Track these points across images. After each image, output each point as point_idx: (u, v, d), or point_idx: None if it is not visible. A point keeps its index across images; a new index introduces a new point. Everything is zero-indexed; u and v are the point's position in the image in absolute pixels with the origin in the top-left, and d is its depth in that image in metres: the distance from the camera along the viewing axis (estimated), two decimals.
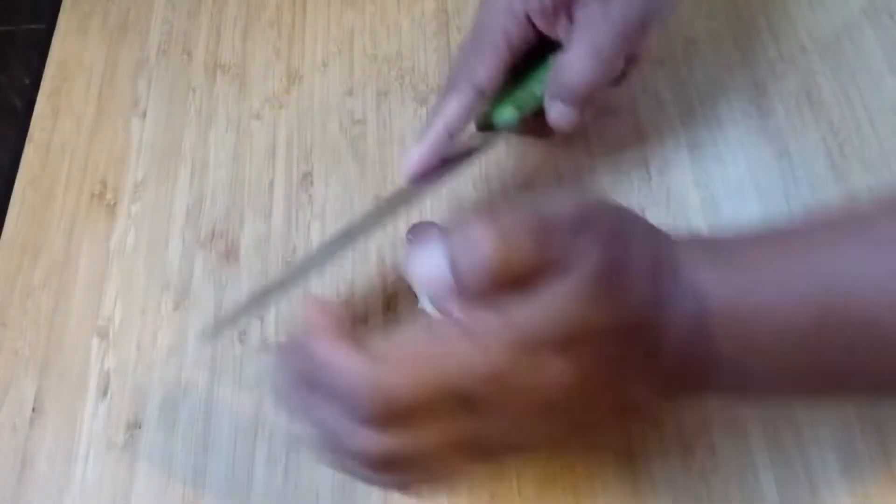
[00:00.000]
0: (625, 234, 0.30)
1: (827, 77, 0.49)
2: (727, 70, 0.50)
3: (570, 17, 0.39)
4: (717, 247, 0.31)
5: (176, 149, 0.51)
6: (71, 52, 0.56)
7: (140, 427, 0.42)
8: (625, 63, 0.42)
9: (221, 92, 0.53)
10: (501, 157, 0.48)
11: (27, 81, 0.56)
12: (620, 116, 0.48)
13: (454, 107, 0.39)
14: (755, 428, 0.39)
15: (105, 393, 0.43)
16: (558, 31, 0.40)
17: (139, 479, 0.41)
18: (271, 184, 0.49)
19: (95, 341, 0.45)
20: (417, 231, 0.36)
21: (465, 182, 0.47)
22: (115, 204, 0.49)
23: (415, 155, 0.39)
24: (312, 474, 0.40)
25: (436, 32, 0.54)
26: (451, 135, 0.39)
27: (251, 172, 0.50)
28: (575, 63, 0.39)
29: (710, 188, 0.46)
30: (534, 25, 0.40)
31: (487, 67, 0.39)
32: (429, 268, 0.30)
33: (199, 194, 0.49)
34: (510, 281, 0.28)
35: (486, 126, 0.41)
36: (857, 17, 0.51)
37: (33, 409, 0.43)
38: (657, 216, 0.45)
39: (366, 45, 0.54)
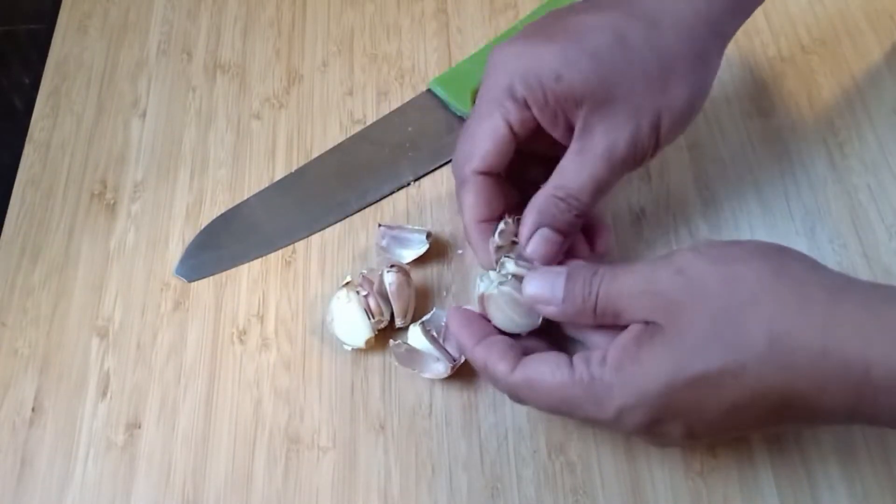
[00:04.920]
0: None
1: (827, 77, 0.49)
2: (727, 70, 0.50)
3: (570, 126, 0.37)
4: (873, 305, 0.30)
5: (176, 149, 0.51)
6: (71, 52, 0.56)
7: (140, 427, 0.42)
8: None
9: (221, 92, 0.53)
10: None
11: (27, 81, 0.56)
12: None
13: (469, 200, 0.38)
14: None
15: (105, 393, 0.43)
16: (556, 133, 0.38)
17: (139, 479, 0.41)
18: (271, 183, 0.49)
19: (95, 341, 0.45)
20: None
21: None
22: (114, 204, 0.49)
23: (479, 255, 0.39)
24: (312, 474, 0.40)
25: (436, 32, 0.54)
26: (485, 220, 0.38)
27: (251, 172, 0.50)
28: (568, 188, 0.37)
29: (710, 188, 0.46)
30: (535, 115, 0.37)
31: (486, 151, 0.37)
32: (542, 290, 0.35)
33: (199, 194, 0.49)
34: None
35: None
36: (857, 17, 0.51)
37: (33, 409, 0.43)
38: (657, 216, 0.45)
39: (366, 45, 0.54)
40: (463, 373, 0.41)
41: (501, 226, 0.38)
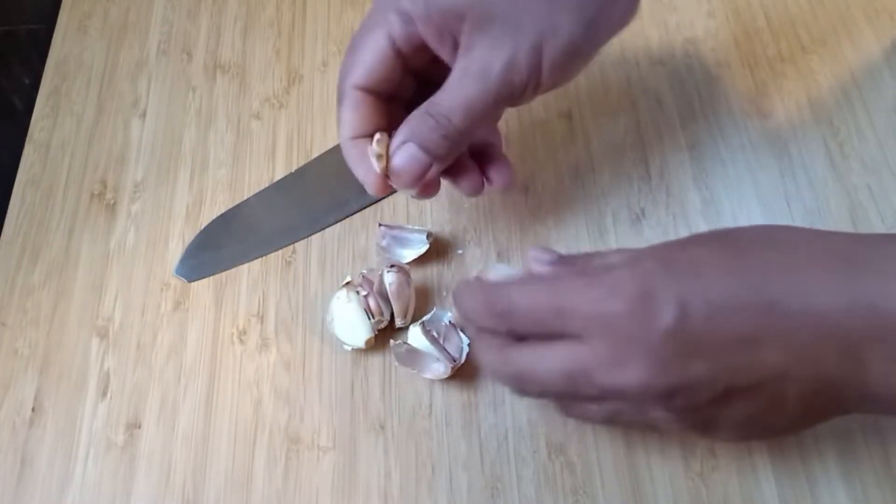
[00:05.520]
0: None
1: (827, 77, 0.49)
2: (727, 70, 0.50)
3: (456, 44, 0.35)
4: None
5: (176, 149, 0.51)
6: (71, 52, 0.56)
7: (140, 427, 0.42)
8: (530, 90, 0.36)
9: (221, 92, 0.53)
10: None
11: (27, 81, 0.56)
12: (619, 117, 0.49)
13: (346, 116, 0.37)
14: None
15: (105, 393, 0.43)
16: (444, 54, 0.36)
17: (139, 479, 0.41)
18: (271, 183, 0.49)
19: (95, 341, 0.45)
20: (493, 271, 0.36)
21: None
22: (114, 204, 0.49)
23: (357, 170, 0.38)
24: (312, 474, 0.40)
25: None
26: (359, 137, 0.37)
27: (251, 172, 0.50)
28: (441, 106, 0.35)
29: (710, 188, 0.46)
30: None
31: (365, 65, 0.36)
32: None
33: (199, 194, 0.49)
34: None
35: None
36: (857, 17, 0.51)
37: (33, 409, 0.43)
38: (657, 216, 0.45)
39: None
40: (463, 373, 0.41)
41: (378, 136, 0.37)
